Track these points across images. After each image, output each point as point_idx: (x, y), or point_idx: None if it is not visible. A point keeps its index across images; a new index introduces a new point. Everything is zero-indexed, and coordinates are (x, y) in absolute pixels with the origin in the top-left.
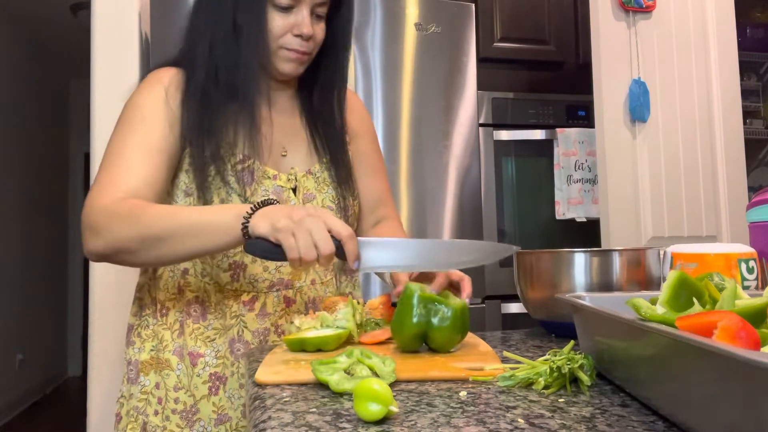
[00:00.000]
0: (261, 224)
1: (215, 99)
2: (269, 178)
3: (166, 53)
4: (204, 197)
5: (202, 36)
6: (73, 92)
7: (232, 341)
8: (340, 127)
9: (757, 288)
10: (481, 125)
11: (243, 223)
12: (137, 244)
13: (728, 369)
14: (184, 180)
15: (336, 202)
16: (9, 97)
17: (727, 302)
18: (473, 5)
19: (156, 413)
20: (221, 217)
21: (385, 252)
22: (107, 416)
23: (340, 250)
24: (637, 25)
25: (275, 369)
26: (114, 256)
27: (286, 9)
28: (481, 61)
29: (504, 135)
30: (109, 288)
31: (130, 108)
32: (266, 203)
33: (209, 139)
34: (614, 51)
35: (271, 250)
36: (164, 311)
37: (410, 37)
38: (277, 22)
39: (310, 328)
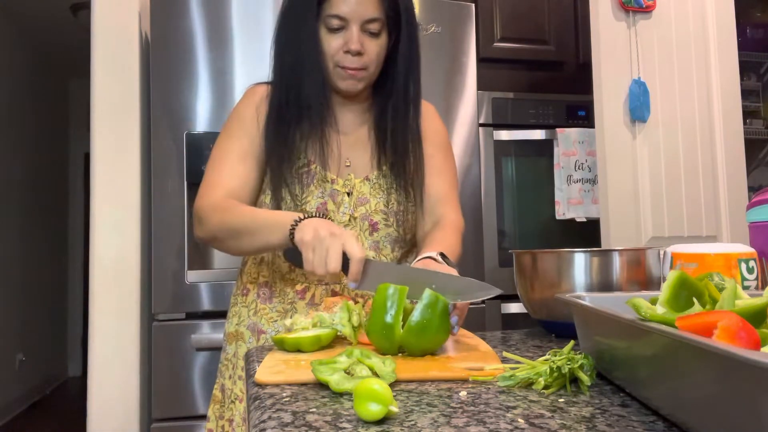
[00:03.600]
0: (297, 234)
1: (288, 117)
2: (327, 182)
3: (166, 53)
4: (275, 195)
5: (276, 62)
6: (73, 92)
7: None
8: (411, 140)
9: (757, 288)
10: (481, 125)
11: (292, 225)
12: (225, 234)
13: (728, 369)
14: (265, 180)
15: (389, 206)
16: (9, 97)
17: (727, 302)
18: (473, 5)
19: (230, 377)
20: (280, 219)
21: (384, 279)
22: (107, 416)
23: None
24: (637, 25)
25: (275, 369)
26: (211, 242)
27: (338, 30)
28: (481, 61)
29: (504, 135)
30: (109, 288)
31: (231, 119)
32: (321, 215)
33: (283, 148)
34: (614, 51)
35: (299, 258)
36: (245, 291)
37: None
38: (330, 42)
39: (301, 328)
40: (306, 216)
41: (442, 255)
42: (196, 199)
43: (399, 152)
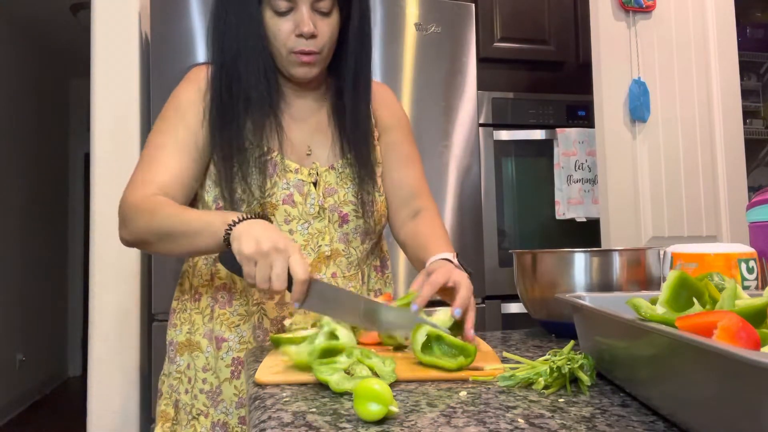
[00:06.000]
0: (235, 242)
1: (232, 110)
2: (291, 171)
3: (166, 53)
4: (228, 188)
5: (215, 49)
6: (73, 92)
7: (254, 327)
8: (366, 123)
9: (757, 288)
10: (481, 125)
11: (226, 230)
12: (152, 237)
13: (728, 369)
14: (214, 170)
15: (358, 197)
16: (9, 97)
17: (727, 302)
18: (473, 5)
19: (186, 392)
20: (211, 222)
21: (330, 303)
22: (107, 416)
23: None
24: (637, 25)
25: (275, 369)
26: (137, 245)
27: (286, 12)
28: (481, 61)
29: (504, 135)
30: (109, 288)
31: (168, 105)
32: (258, 215)
33: (229, 144)
34: (614, 51)
35: (237, 266)
36: (197, 296)
37: (410, 37)
38: (279, 27)
39: (300, 327)
40: (240, 219)
41: (457, 257)
42: (121, 198)
43: (359, 139)
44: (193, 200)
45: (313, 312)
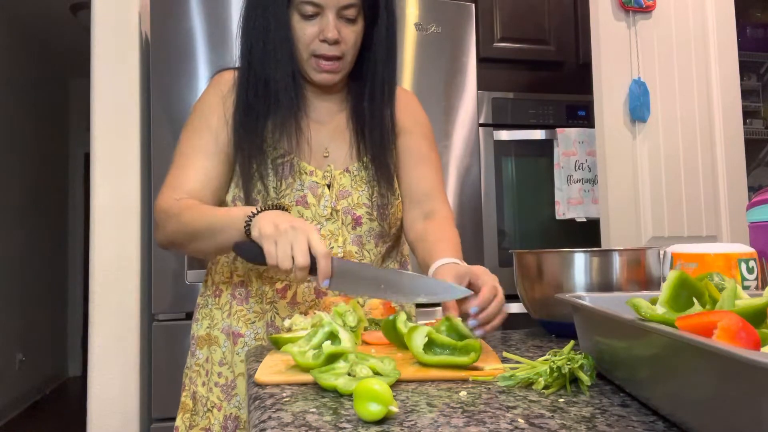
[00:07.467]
0: (254, 229)
1: (257, 109)
2: (306, 173)
3: (166, 53)
4: (245, 188)
5: (243, 50)
6: (73, 92)
7: (267, 325)
8: (387, 127)
9: (757, 288)
10: (481, 125)
11: (246, 222)
12: (183, 238)
13: (728, 369)
14: (236, 171)
15: (372, 199)
16: (9, 97)
17: (727, 302)
18: (473, 5)
19: (203, 384)
20: (232, 217)
21: (354, 278)
22: (107, 416)
23: (316, 266)
24: (637, 25)
25: (275, 369)
26: (171, 247)
27: (312, 17)
28: (481, 61)
29: (504, 135)
30: (109, 288)
31: (194, 112)
32: (275, 207)
33: (251, 143)
34: (614, 51)
35: (254, 252)
36: (218, 293)
37: (410, 37)
38: (305, 30)
39: (300, 328)
40: (259, 210)
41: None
42: (154, 204)
43: (378, 143)
44: None
45: (342, 292)
